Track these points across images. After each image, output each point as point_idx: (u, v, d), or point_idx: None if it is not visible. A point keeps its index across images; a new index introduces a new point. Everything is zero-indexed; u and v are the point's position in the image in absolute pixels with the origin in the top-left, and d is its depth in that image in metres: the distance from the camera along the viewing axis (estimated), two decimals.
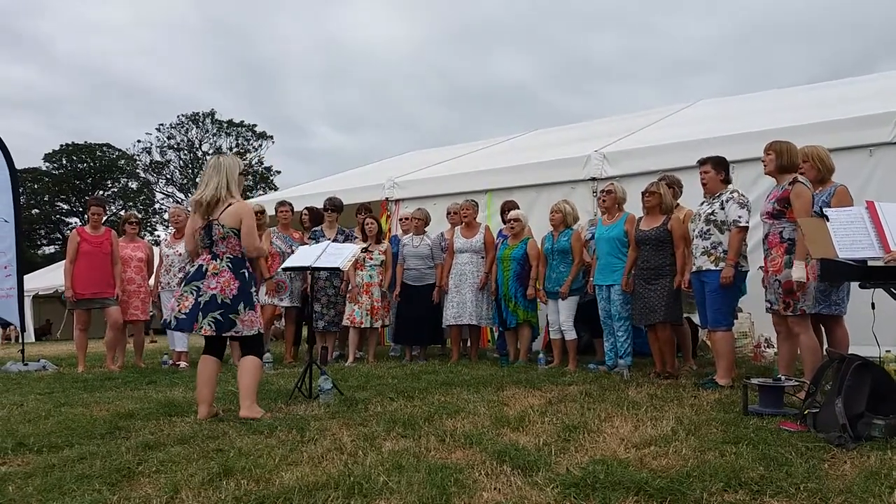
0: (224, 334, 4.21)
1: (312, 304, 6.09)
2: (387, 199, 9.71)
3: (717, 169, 5.22)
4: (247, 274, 4.27)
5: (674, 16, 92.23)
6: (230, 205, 4.23)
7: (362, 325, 7.52)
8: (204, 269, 4.20)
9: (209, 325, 4.12)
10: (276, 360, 7.11)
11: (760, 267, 5.14)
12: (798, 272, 4.34)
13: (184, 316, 4.15)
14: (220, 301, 4.13)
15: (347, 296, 7.61)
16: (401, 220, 8.32)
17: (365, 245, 7.52)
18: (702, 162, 5.32)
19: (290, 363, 7.61)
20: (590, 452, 3.12)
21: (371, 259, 7.61)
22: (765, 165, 4.79)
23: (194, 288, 4.17)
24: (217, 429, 3.81)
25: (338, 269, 5.66)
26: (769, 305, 4.68)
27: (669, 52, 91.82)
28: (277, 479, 2.79)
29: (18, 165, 8.47)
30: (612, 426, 3.65)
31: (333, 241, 7.01)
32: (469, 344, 7.71)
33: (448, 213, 7.94)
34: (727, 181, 5.25)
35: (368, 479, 2.73)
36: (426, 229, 7.88)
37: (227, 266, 4.20)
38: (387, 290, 7.70)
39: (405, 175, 10.12)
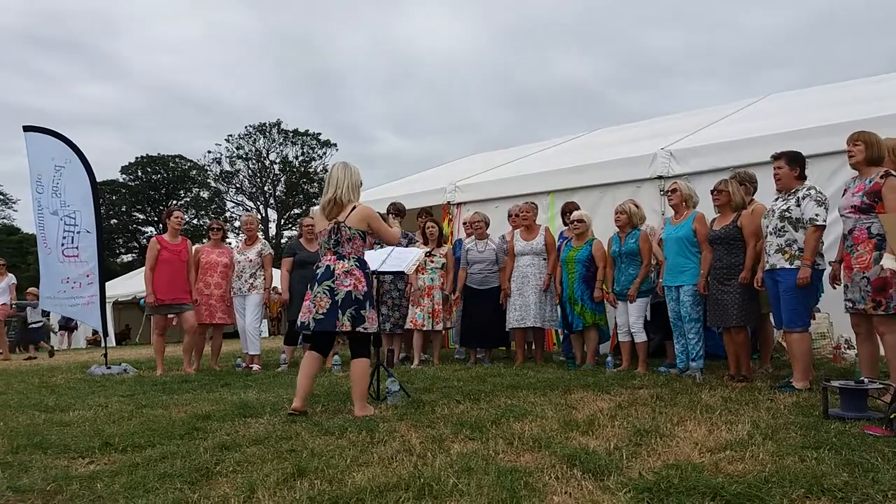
0: (358, 329, 4.38)
1: (379, 307, 6.17)
2: (448, 202, 9.74)
3: (792, 165, 5.02)
4: (368, 273, 4.50)
5: (739, 9, 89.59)
6: (355, 208, 4.43)
7: (424, 328, 7.58)
8: (332, 268, 4.39)
9: (349, 320, 4.32)
10: (345, 362, 7.22)
11: (830, 262, 4.93)
12: (890, 262, 4.12)
13: (322, 316, 4.35)
14: (354, 297, 4.35)
15: (410, 299, 7.68)
16: (465, 223, 8.34)
17: (428, 249, 7.58)
18: (776, 157, 5.13)
19: None
20: (662, 457, 3.06)
21: (432, 262, 7.65)
22: (850, 157, 4.59)
23: (327, 288, 4.36)
24: (290, 430, 3.90)
25: (402, 272, 5.74)
26: (851, 305, 4.49)
27: (735, 46, 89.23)
28: (349, 479, 2.84)
29: (98, 178, 8.86)
30: (685, 430, 3.57)
31: (397, 245, 7.08)
32: (534, 347, 7.66)
33: (509, 216, 7.92)
34: (803, 177, 5.05)
35: (438, 480, 2.74)
36: (488, 231, 7.87)
37: (356, 265, 4.42)
38: (449, 294, 7.74)
39: (467, 178, 10.14)
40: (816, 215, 4.78)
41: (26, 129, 8.77)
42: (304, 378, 4.46)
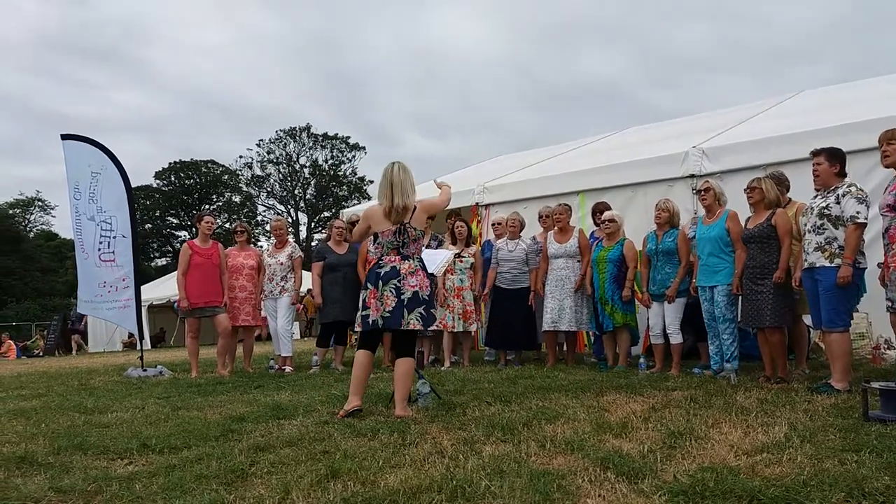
0: (428, 328, 4.51)
1: None
2: (477, 203, 9.74)
3: (832, 161, 4.91)
4: (429, 273, 4.60)
5: (773, 2, 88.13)
6: (415, 208, 4.53)
7: (454, 329, 7.57)
8: (397, 268, 4.48)
9: (416, 319, 4.42)
10: (375, 364, 7.26)
11: (879, 263, 4.83)
12: None
13: (388, 314, 4.44)
14: (421, 297, 4.44)
15: (437, 300, 7.68)
16: (494, 224, 8.32)
17: (457, 251, 7.58)
18: (815, 153, 5.02)
19: (389, 367, 7.75)
20: (697, 459, 3.02)
21: (461, 262, 7.64)
22: (886, 156, 4.50)
23: (394, 287, 4.44)
24: (323, 431, 3.93)
25: (432, 275, 5.73)
26: (890, 304, 4.39)
27: (769, 41, 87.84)
28: (382, 481, 2.85)
29: (132, 184, 9.02)
30: (721, 432, 3.51)
31: (427, 247, 7.10)
32: (565, 348, 7.62)
33: (540, 217, 7.88)
34: (842, 174, 4.94)
35: (471, 483, 2.74)
36: (521, 233, 7.84)
37: (419, 266, 4.52)
38: (477, 294, 7.73)
39: (495, 179, 10.12)
40: (857, 213, 4.67)
41: (64, 137, 8.96)
42: (359, 375, 4.51)
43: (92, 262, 8.66)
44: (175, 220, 52.72)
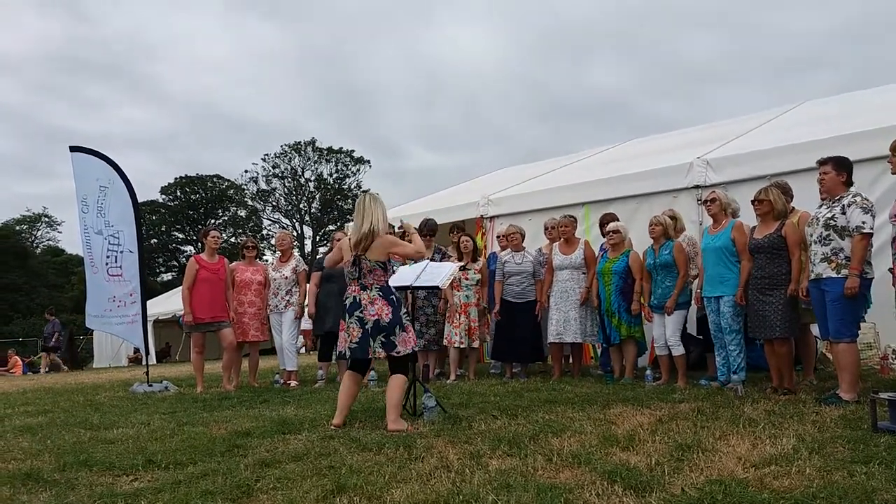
0: (391, 353, 4.59)
1: (413, 323, 6.18)
2: (481, 216, 9.74)
3: (839, 170, 4.90)
4: (395, 299, 4.68)
5: (780, 10, 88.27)
6: (373, 241, 4.62)
7: (462, 346, 7.55)
8: (358, 300, 4.63)
9: (379, 347, 4.56)
10: (381, 377, 7.26)
11: (890, 269, 4.80)
12: None
13: (356, 345, 4.60)
14: (381, 325, 4.56)
15: (446, 315, 7.67)
16: (499, 237, 8.32)
17: (462, 264, 7.56)
18: (822, 162, 5.01)
19: None
20: (705, 472, 3.00)
21: (467, 279, 7.63)
22: (894, 165, 4.50)
23: (358, 318, 4.60)
24: (328, 446, 3.93)
25: (437, 287, 5.74)
26: None
27: (777, 49, 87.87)
28: (388, 496, 2.84)
29: (138, 199, 9.04)
30: (728, 444, 3.49)
31: (431, 259, 7.09)
32: (571, 361, 7.59)
33: (545, 229, 7.88)
34: (849, 184, 4.92)
35: (477, 497, 2.73)
36: (523, 243, 7.84)
37: (379, 294, 4.62)
38: (485, 308, 7.71)
39: (499, 192, 10.13)
40: (863, 223, 4.66)
41: (73, 149, 8.97)
42: (344, 396, 4.69)
43: (101, 276, 8.68)
44: (181, 235, 52.88)
